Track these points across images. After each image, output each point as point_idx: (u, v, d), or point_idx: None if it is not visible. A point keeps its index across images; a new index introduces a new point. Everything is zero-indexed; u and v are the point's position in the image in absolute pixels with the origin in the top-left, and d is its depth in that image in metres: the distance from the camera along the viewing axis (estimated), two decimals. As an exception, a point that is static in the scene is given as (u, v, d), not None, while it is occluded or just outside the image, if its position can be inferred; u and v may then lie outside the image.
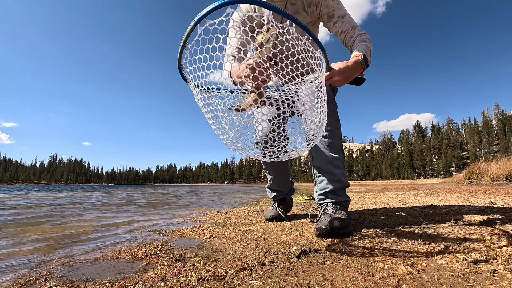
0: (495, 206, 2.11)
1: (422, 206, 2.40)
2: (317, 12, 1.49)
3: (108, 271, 0.89)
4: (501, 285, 0.65)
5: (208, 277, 0.77)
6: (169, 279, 0.77)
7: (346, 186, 1.43)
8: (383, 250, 0.98)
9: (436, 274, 0.74)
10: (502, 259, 0.81)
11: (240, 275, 0.79)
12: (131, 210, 3.36)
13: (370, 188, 9.28)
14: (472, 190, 4.56)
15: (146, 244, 1.23)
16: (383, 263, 0.84)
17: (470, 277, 0.70)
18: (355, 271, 0.79)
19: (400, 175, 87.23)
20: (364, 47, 1.27)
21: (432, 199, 3.16)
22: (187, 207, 3.67)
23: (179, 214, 2.87)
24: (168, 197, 6.41)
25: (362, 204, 2.89)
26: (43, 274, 0.87)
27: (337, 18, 1.43)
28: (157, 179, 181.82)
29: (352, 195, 4.82)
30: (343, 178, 1.42)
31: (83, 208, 3.63)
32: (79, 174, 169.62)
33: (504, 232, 1.13)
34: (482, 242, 0.99)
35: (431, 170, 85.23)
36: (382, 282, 0.71)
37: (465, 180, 10.45)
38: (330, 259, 0.91)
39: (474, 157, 70.45)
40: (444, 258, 0.85)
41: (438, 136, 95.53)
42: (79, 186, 50.03)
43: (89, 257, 1.07)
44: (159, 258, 1.00)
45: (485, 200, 2.64)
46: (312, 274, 0.78)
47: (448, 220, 1.52)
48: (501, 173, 8.86)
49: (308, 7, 1.49)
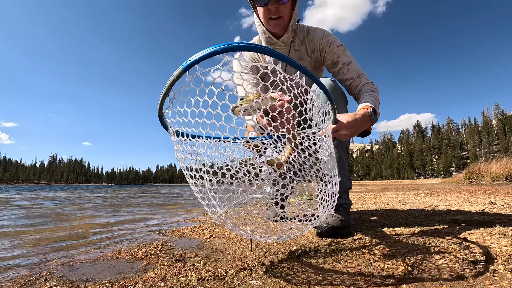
0: (495, 206, 2.11)
1: (422, 206, 2.40)
2: (321, 57, 1.45)
3: (108, 271, 0.89)
4: (501, 285, 0.65)
5: (208, 277, 0.77)
6: (169, 279, 0.77)
7: (348, 188, 1.40)
8: (383, 250, 0.98)
9: (436, 274, 0.74)
10: (502, 259, 0.81)
11: (240, 275, 0.79)
12: (131, 210, 3.36)
13: (370, 188, 9.28)
14: (472, 190, 4.56)
15: (146, 244, 1.23)
16: (383, 263, 0.84)
17: (470, 277, 0.70)
18: (355, 271, 0.79)
19: (400, 175, 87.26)
20: (372, 98, 1.20)
21: (432, 199, 3.16)
22: (187, 207, 3.67)
23: (179, 214, 2.88)
24: (168, 197, 6.41)
25: (362, 204, 2.89)
26: (43, 274, 0.87)
27: (342, 65, 1.38)
28: (157, 179, 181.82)
29: (352, 195, 4.82)
30: (346, 180, 1.37)
31: (83, 208, 3.63)
32: (79, 174, 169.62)
33: (504, 232, 1.13)
34: (482, 242, 0.99)
35: (431, 170, 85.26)
36: (382, 282, 0.71)
37: (465, 180, 10.45)
38: (330, 259, 0.91)
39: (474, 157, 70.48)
40: (444, 258, 0.85)
41: (438, 136, 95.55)
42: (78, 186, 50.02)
43: (89, 257, 1.07)
44: (159, 258, 1.00)
45: (485, 200, 2.64)
46: (312, 274, 0.78)
47: (448, 220, 1.52)
48: (501, 173, 8.87)
49: (312, 53, 1.46)
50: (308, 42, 1.45)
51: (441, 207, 2.28)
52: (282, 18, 1.34)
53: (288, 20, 1.37)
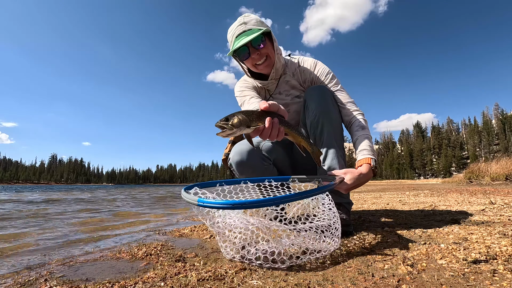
0: (495, 206, 2.11)
1: (422, 206, 2.40)
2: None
3: (108, 271, 0.89)
4: (501, 285, 0.65)
5: (208, 277, 0.77)
6: (169, 279, 0.77)
7: None
8: (383, 250, 0.98)
9: (436, 274, 0.74)
10: (502, 259, 0.81)
11: (240, 275, 0.79)
12: (131, 210, 3.36)
13: (370, 188, 9.28)
14: (472, 190, 4.56)
15: (146, 244, 1.23)
16: (383, 263, 0.84)
17: (470, 277, 0.70)
18: (355, 271, 0.79)
19: (400, 175, 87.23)
20: (369, 143, 1.32)
21: (432, 199, 3.16)
22: (187, 207, 3.67)
23: (179, 214, 2.88)
24: (168, 197, 6.41)
25: (362, 204, 2.89)
26: (43, 274, 0.87)
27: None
28: (157, 179, 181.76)
29: (352, 195, 4.82)
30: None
31: (83, 208, 3.63)
32: (79, 174, 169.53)
33: (504, 232, 1.13)
34: (482, 242, 0.99)
35: (431, 170, 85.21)
36: (382, 282, 0.71)
37: (465, 180, 10.45)
38: (330, 259, 0.91)
39: (474, 157, 70.44)
40: (444, 258, 0.85)
41: (438, 136, 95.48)
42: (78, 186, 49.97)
43: (89, 257, 1.07)
44: (159, 258, 1.00)
45: (485, 200, 2.63)
46: (312, 274, 0.78)
47: (448, 220, 1.52)
48: (501, 173, 8.86)
49: (304, 83, 1.56)
50: (300, 72, 1.55)
51: (441, 207, 2.28)
52: (269, 58, 1.42)
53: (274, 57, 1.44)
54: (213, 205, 0.82)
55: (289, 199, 0.83)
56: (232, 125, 0.91)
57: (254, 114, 0.95)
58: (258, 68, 1.44)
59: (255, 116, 0.94)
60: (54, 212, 3.18)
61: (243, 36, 1.33)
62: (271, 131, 0.95)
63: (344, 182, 1.15)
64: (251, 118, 0.93)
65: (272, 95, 1.57)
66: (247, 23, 1.35)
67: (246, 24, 1.34)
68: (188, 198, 0.90)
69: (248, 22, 1.35)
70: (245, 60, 1.42)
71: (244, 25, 1.34)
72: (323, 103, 1.36)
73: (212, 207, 0.84)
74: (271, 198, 0.83)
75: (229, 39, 1.42)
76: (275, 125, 0.96)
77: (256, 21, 1.37)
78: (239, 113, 0.93)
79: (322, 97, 1.37)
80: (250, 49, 1.36)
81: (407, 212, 2.01)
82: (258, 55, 1.38)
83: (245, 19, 1.36)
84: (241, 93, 1.55)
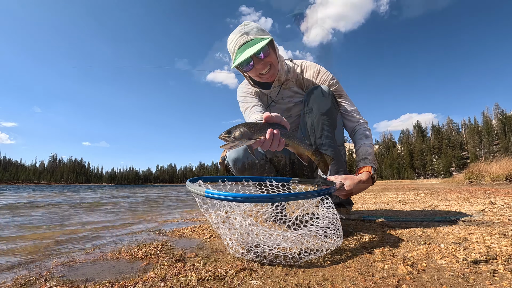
0: (495, 206, 2.11)
1: (422, 206, 2.40)
2: None
3: (108, 271, 0.89)
4: (501, 285, 0.65)
5: (208, 277, 0.77)
6: (169, 279, 0.77)
7: None
8: (383, 250, 0.98)
9: (436, 274, 0.74)
10: (502, 259, 0.81)
11: (240, 275, 0.79)
12: (131, 210, 3.36)
13: (370, 188, 9.27)
14: (472, 190, 4.56)
15: (146, 244, 1.23)
16: (383, 263, 0.84)
17: (470, 277, 0.70)
18: (355, 271, 0.78)
19: (400, 175, 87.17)
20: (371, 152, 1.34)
21: (432, 199, 3.16)
22: (187, 207, 3.67)
23: (179, 214, 2.88)
24: (168, 198, 6.41)
25: (362, 204, 2.89)
26: (43, 274, 0.86)
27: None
28: (157, 179, 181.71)
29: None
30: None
31: (83, 208, 3.63)
32: (79, 174, 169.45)
33: (504, 232, 1.13)
34: (482, 242, 0.99)
35: (431, 170, 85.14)
36: (382, 282, 0.71)
37: (465, 180, 10.44)
38: (330, 259, 0.91)
39: (474, 157, 70.35)
40: (444, 258, 0.85)
41: (438, 136, 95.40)
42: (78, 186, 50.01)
43: (89, 257, 1.06)
44: (159, 258, 1.00)
45: (485, 200, 2.63)
46: (312, 274, 0.78)
47: (448, 220, 1.52)
48: (501, 173, 8.85)
49: (306, 89, 1.56)
50: (302, 79, 1.56)
51: (441, 207, 2.28)
52: (273, 66, 1.41)
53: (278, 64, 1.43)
54: (222, 197, 0.82)
55: (294, 197, 0.85)
56: (234, 138, 0.96)
57: (256, 127, 0.99)
58: (263, 78, 1.43)
59: (257, 129, 0.98)
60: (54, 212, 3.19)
61: (246, 47, 1.31)
62: (271, 143, 0.98)
63: (344, 188, 1.18)
64: (253, 130, 0.98)
65: (274, 100, 1.57)
66: (248, 32, 1.33)
67: (247, 34, 1.33)
68: (195, 189, 0.91)
69: (249, 32, 1.33)
70: (249, 71, 1.41)
71: (246, 36, 1.32)
72: (323, 103, 1.36)
73: (220, 199, 0.85)
74: (279, 195, 0.85)
75: (230, 49, 1.39)
76: (276, 137, 0.98)
77: (257, 29, 1.35)
78: (241, 126, 0.97)
79: (322, 97, 1.37)
80: (254, 59, 1.34)
81: (407, 212, 2.01)
82: (262, 65, 1.37)
83: (245, 29, 1.34)
84: (244, 99, 1.55)
